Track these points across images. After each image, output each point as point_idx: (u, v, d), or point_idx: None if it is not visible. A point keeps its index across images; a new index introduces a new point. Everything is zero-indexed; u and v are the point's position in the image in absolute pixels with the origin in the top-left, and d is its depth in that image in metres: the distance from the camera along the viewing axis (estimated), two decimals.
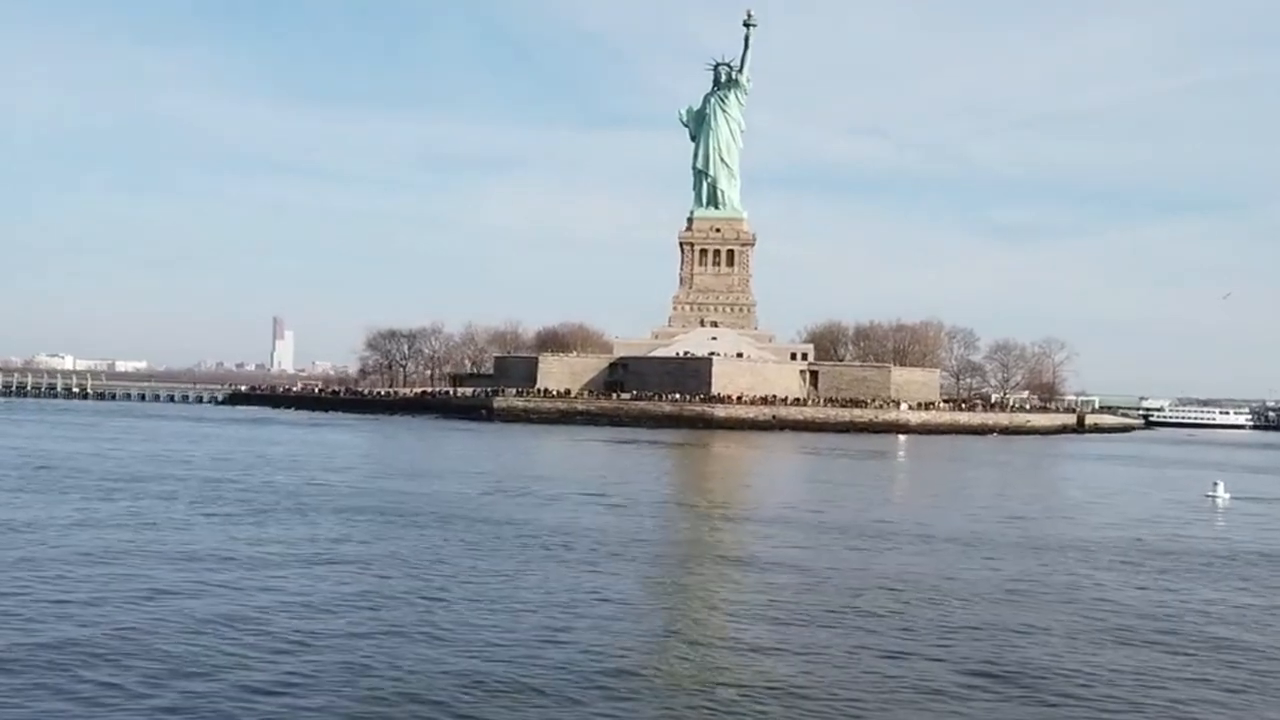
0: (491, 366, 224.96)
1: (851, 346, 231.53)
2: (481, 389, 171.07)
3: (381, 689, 20.28)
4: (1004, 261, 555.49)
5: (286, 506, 46.81)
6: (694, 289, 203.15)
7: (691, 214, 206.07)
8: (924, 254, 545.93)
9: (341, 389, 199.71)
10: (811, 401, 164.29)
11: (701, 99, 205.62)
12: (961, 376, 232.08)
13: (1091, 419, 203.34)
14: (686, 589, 31.74)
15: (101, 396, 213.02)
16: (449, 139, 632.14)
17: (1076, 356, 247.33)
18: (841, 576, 33.54)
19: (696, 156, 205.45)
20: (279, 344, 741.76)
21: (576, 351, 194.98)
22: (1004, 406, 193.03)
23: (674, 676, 21.81)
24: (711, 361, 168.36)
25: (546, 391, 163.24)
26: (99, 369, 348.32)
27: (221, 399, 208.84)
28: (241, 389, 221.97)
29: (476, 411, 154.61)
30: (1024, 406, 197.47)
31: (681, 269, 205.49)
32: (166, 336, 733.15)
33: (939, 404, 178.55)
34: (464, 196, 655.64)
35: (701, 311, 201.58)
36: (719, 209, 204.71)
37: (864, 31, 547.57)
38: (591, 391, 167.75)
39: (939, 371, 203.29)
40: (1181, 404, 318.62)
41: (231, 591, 28.39)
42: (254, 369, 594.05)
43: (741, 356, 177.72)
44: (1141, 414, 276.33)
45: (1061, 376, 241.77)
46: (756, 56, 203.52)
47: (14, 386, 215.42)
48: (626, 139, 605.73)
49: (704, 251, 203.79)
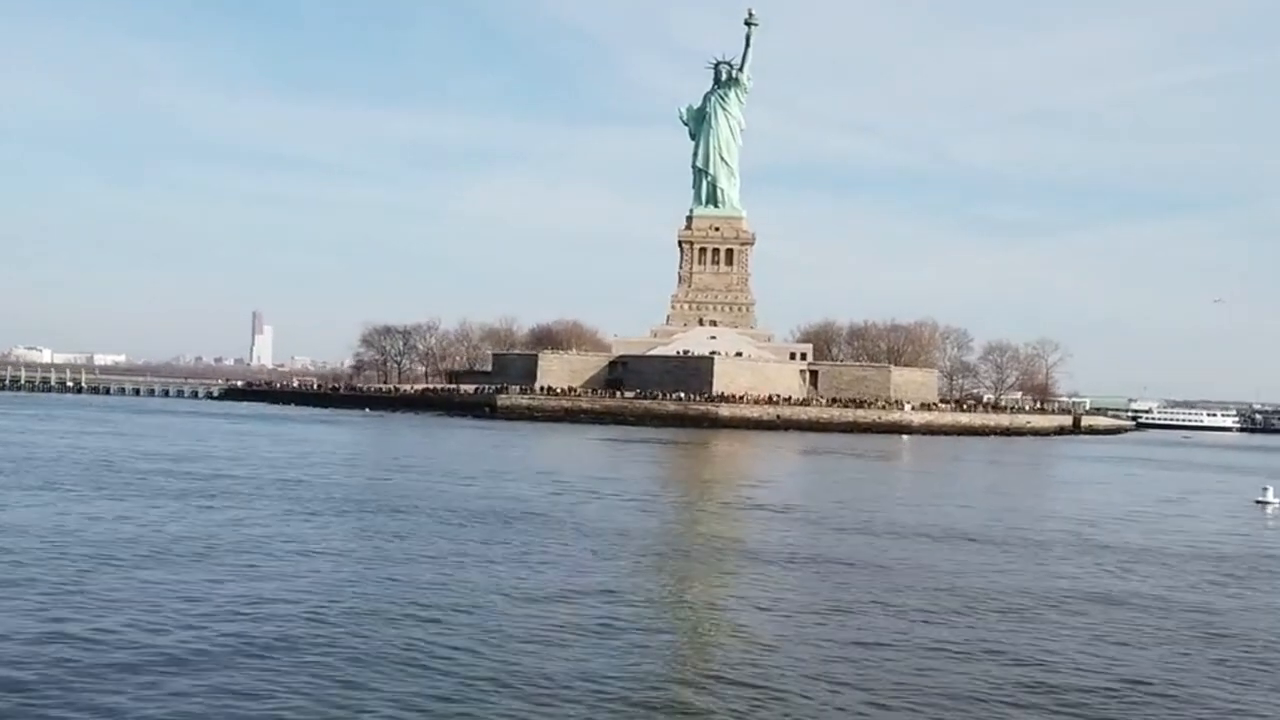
0: (488, 364, 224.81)
1: (846, 346, 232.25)
2: (483, 386, 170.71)
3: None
4: (991, 260, 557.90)
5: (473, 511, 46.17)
6: (693, 287, 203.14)
7: (691, 212, 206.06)
8: (914, 252, 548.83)
9: (342, 385, 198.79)
10: (815, 401, 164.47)
11: (702, 97, 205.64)
12: (955, 377, 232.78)
13: (1086, 420, 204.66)
14: (770, 590, 31.72)
15: (95, 391, 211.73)
16: (433, 133, 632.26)
17: (1070, 358, 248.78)
18: (961, 587, 33.58)
19: (696, 155, 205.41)
20: (258, 339, 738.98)
21: (576, 349, 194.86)
22: (998, 407, 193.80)
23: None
24: (713, 360, 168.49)
25: (551, 389, 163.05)
26: (78, 362, 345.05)
27: (217, 394, 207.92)
28: (237, 384, 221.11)
29: (480, 409, 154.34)
30: (1023, 408, 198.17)
31: (680, 267, 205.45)
32: (145, 330, 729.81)
33: (938, 404, 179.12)
34: (448, 191, 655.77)
35: (700, 310, 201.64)
36: (719, 208, 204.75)
37: (854, 28, 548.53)
38: (593, 389, 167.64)
39: (936, 372, 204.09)
40: (1170, 406, 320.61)
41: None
42: (233, 364, 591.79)
43: (741, 355, 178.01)
44: (1130, 415, 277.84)
45: (1054, 378, 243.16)
46: (756, 55, 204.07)
47: (6, 380, 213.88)
48: (613, 135, 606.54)
49: (703, 250, 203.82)
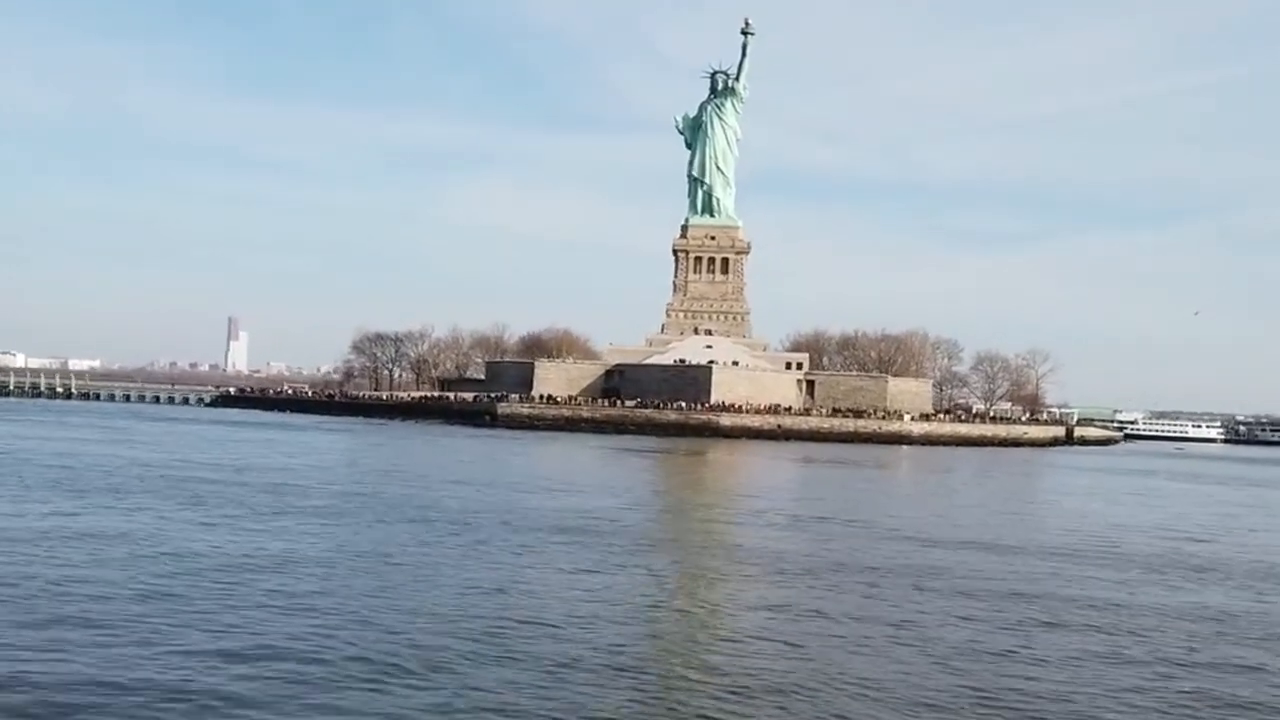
0: (478, 371, 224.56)
1: (836, 356, 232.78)
2: (483, 394, 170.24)
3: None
4: (971, 270, 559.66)
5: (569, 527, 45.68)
6: (689, 296, 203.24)
7: (686, 221, 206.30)
8: (893, 262, 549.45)
9: (337, 392, 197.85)
10: (817, 411, 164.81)
11: (698, 107, 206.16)
12: (944, 387, 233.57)
13: (1078, 432, 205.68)
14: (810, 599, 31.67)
15: (84, 397, 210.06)
16: (411, 136, 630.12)
17: (1060, 368, 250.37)
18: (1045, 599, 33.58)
19: (692, 164, 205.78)
20: (233, 344, 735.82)
21: (571, 358, 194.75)
22: (989, 418, 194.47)
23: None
24: (711, 369, 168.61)
25: (551, 398, 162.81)
26: (52, 367, 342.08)
27: (208, 401, 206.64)
28: (230, 391, 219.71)
29: (480, 417, 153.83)
30: (1019, 419, 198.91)
31: (676, 276, 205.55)
32: (118, 334, 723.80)
33: (940, 415, 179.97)
34: (425, 196, 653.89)
35: (695, 319, 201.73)
36: (714, 217, 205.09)
37: (833, 35, 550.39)
38: (591, 398, 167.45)
39: (930, 382, 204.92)
40: (1154, 417, 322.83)
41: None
42: (208, 369, 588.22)
43: (738, 365, 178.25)
44: (1115, 426, 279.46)
45: (1044, 388, 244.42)
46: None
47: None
48: (592, 141, 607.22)
49: (699, 259, 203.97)
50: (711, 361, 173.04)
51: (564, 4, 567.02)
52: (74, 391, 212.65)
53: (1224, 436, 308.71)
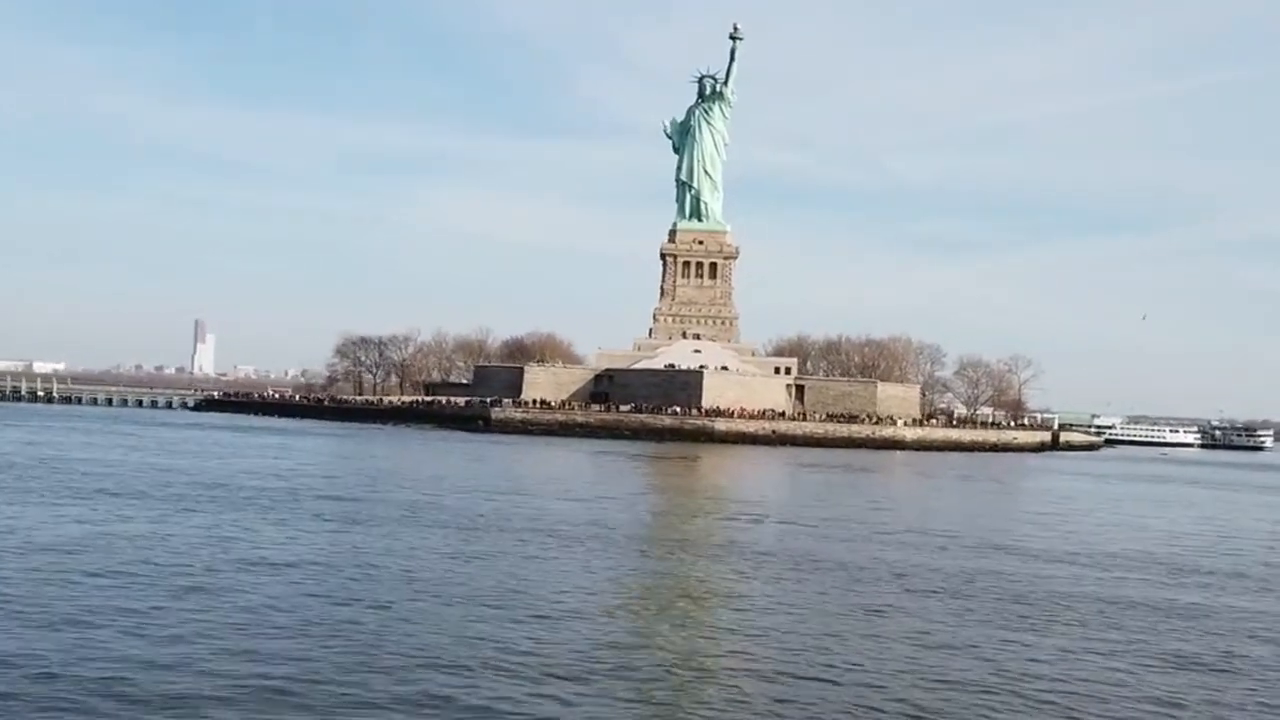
0: (462, 376, 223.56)
1: (821, 361, 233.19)
2: (476, 399, 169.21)
3: None
4: (944, 277, 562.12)
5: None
6: (676, 301, 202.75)
7: (674, 226, 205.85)
8: (864, 268, 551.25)
9: (326, 397, 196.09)
10: (810, 416, 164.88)
11: (685, 111, 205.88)
12: (926, 392, 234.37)
13: (1063, 437, 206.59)
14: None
15: (67, 400, 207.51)
16: (380, 141, 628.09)
17: (1042, 374, 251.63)
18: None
19: (680, 168, 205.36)
20: (200, 347, 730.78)
21: (560, 362, 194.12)
22: (984, 424, 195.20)
23: None
24: (702, 374, 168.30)
25: (545, 403, 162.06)
26: (17, 369, 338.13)
27: (192, 405, 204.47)
28: (214, 395, 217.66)
29: (473, 422, 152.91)
30: (1008, 424, 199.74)
31: (664, 280, 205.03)
32: (82, 337, 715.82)
33: (931, 420, 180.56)
34: (394, 200, 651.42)
35: (683, 324, 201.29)
36: (702, 221, 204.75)
37: (805, 42, 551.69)
38: (583, 402, 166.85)
39: (919, 387, 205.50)
40: (1131, 422, 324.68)
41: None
42: (174, 372, 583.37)
43: (726, 370, 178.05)
44: (1094, 431, 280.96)
45: (1026, 394, 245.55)
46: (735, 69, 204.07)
47: None
48: (563, 147, 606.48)
49: (686, 264, 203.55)
50: (702, 366, 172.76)
51: (534, 10, 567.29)
52: (55, 395, 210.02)
53: (1200, 441, 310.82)
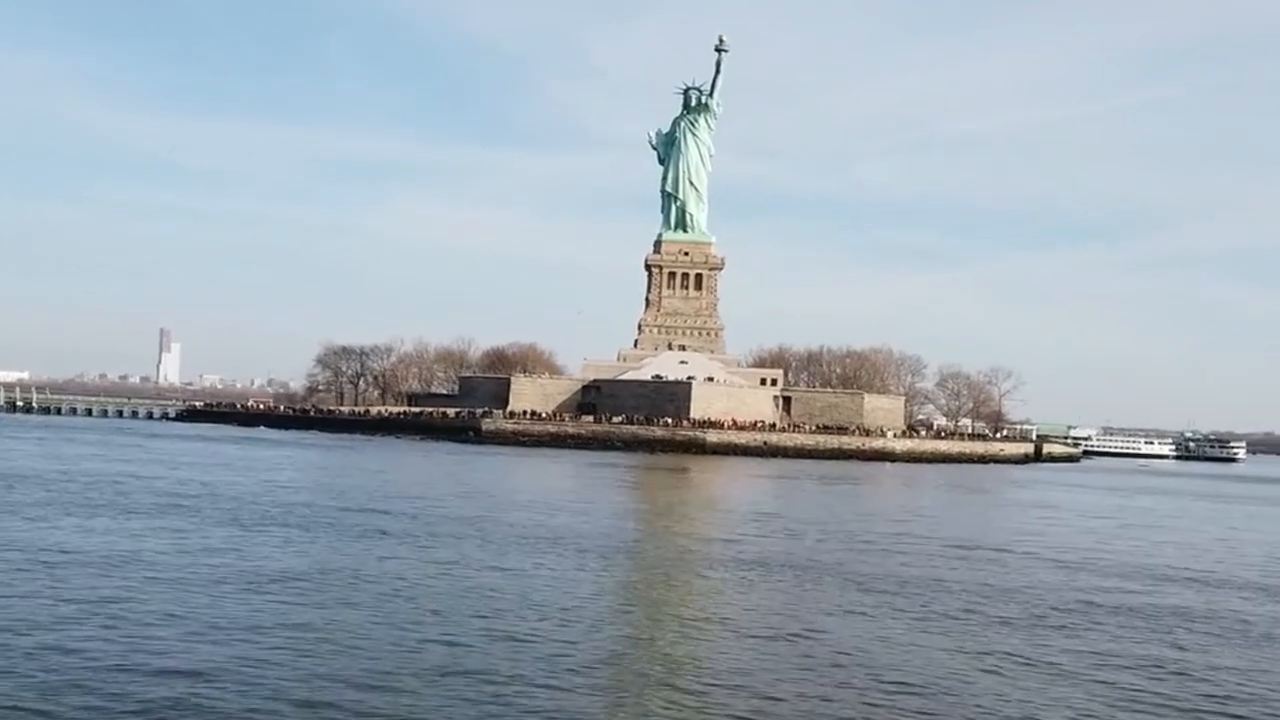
0: (442, 386, 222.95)
1: (803, 372, 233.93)
2: (462, 409, 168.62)
3: None
4: (916, 287, 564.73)
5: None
6: (662, 312, 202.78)
7: (660, 237, 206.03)
8: (834, 278, 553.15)
9: (311, 408, 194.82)
10: (801, 428, 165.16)
11: (671, 122, 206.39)
12: (907, 403, 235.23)
13: (1046, 448, 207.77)
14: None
15: (46, 411, 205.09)
16: (345, 149, 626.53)
17: (1023, 385, 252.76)
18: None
19: (666, 179, 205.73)
20: (165, 355, 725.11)
21: (548, 373, 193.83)
22: (975, 435, 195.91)
23: None
24: (690, 385, 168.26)
25: (536, 414, 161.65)
26: None
27: (173, 415, 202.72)
28: (197, 405, 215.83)
29: (464, 433, 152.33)
30: (991, 435, 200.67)
31: (649, 291, 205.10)
32: (44, 345, 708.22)
33: (919, 431, 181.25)
34: (360, 208, 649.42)
35: (669, 335, 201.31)
36: (687, 232, 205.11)
37: (774, 54, 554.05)
38: (574, 414, 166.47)
39: (903, 399, 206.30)
40: (1106, 433, 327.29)
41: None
42: (139, 381, 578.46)
43: (713, 380, 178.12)
44: (1071, 442, 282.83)
45: (1007, 405, 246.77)
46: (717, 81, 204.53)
47: None
48: (530, 156, 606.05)
49: (672, 275, 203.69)
50: (690, 377, 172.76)
51: (502, 20, 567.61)
52: (34, 405, 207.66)
53: (1175, 453, 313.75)
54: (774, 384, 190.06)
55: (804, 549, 47.65)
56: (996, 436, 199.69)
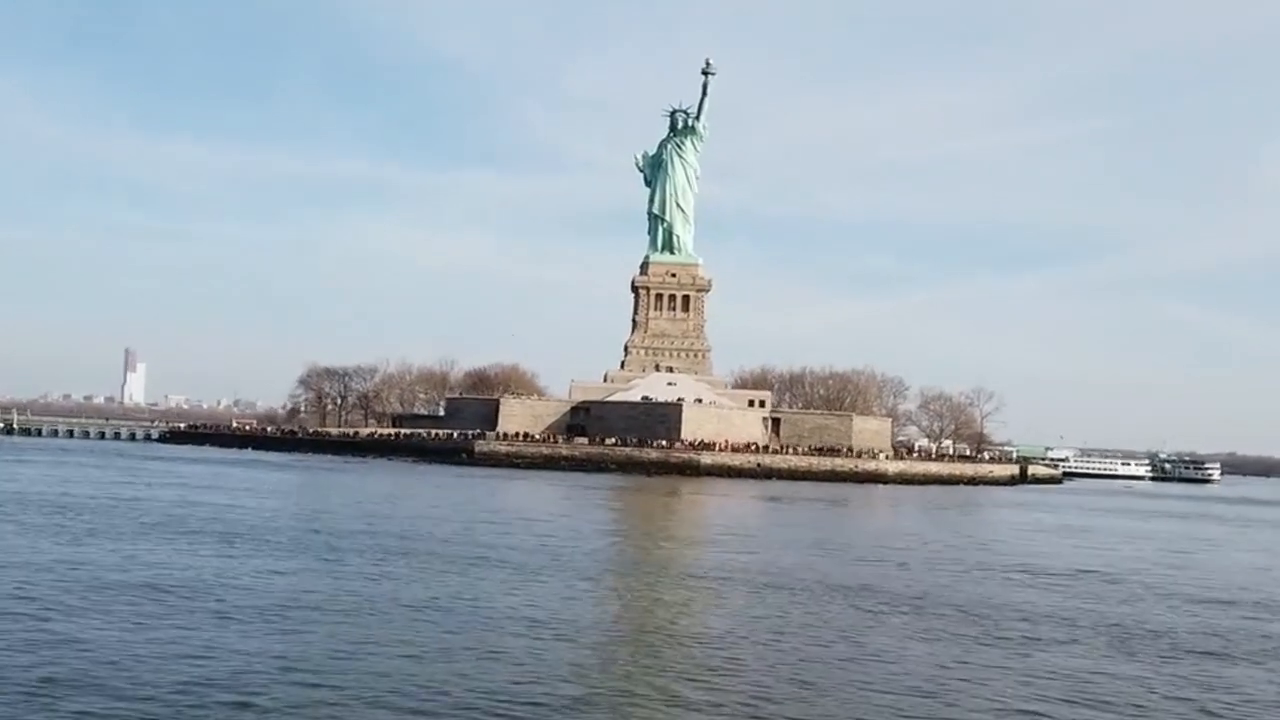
0: (426, 406, 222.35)
1: (786, 393, 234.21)
2: (453, 431, 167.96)
3: None
4: (881, 310, 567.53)
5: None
6: (649, 333, 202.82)
7: (647, 258, 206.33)
8: (799, 299, 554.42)
9: (300, 429, 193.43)
10: (791, 450, 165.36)
11: (657, 145, 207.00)
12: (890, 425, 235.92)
13: (1030, 470, 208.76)
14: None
15: (27, 433, 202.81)
16: (309, 170, 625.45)
17: (1004, 407, 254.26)
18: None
19: (653, 201, 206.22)
20: (130, 376, 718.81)
21: (536, 395, 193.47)
22: (944, 456, 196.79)
23: None
24: (680, 407, 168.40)
25: (528, 436, 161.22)
26: None
27: (156, 436, 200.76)
28: (180, 426, 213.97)
29: (457, 454, 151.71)
30: (978, 457, 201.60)
31: (636, 313, 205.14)
32: (8, 366, 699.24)
33: (914, 453, 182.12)
34: (324, 229, 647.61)
35: (656, 356, 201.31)
36: (674, 254, 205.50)
37: (736, 79, 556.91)
38: (566, 436, 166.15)
39: (890, 420, 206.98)
40: (1083, 455, 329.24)
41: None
42: (103, 401, 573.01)
43: (701, 402, 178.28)
44: (1051, 463, 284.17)
45: (988, 427, 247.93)
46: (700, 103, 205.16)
47: None
48: (493, 177, 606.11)
49: (659, 296, 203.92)
50: (680, 399, 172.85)
51: (469, 42, 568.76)
52: (15, 427, 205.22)
53: (1151, 474, 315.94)
54: (762, 405, 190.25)
55: (927, 585, 45.50)
56: (984, 458, 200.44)
